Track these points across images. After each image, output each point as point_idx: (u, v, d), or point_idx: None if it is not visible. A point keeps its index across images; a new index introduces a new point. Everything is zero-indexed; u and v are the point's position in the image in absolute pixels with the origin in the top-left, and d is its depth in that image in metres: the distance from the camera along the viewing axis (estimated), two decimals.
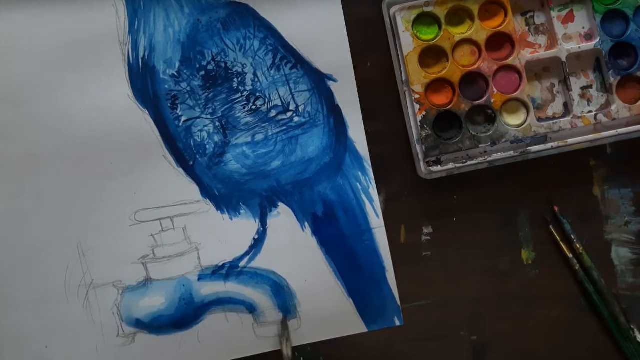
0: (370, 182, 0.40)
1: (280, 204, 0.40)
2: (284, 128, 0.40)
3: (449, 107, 0.38)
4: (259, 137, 0.40)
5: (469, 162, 0.38)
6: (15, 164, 0.39)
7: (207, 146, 0.40)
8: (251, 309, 0.40)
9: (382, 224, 0.40)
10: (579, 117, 0.38)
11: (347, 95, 0.40)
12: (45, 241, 0.39)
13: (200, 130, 0.40)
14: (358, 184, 0.40)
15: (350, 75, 0.40)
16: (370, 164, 0.40)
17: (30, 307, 0.39)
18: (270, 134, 0.40)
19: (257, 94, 0.40)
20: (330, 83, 0.40)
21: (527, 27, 0.40)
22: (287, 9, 0.40)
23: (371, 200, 0.40)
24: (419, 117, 0.38)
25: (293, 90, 0.40)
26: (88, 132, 0.39)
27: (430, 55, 0.39)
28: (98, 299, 0.39)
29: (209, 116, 0.40)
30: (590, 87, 0.40)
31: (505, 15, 0.39)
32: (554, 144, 0.38)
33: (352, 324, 0.40)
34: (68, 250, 0.39)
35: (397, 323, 0.40)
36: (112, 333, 0.39)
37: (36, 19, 0.39)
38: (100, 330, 0.39)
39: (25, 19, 0.39)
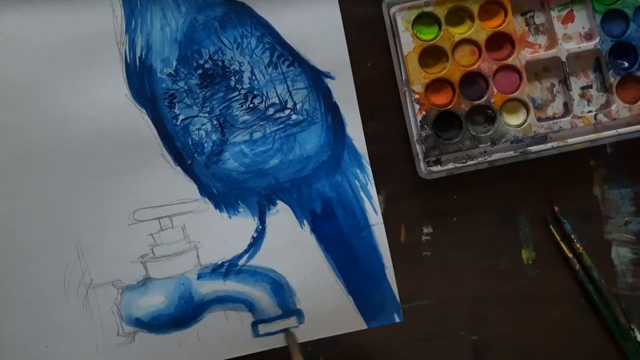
0: (369, 179, 0.43)
1: (279, 202, 0.43)
2: (281, 126, 0.43)
3: (449, 107, 0.41)
4: (257, 135, 0.43)
5: (469, 162, 0.41)
6: (13, 165, 0.42)
7: (205, 145, 0.42)
8: (251, 307, 0.42)
9: (381, 220, 0.43)
10: (579, 117, 0.41)
11: (344, 92, 0.43)
12: (44, 241, 0.42)
13: (198, 129, 0.42)
14: (356, 181, 0.43)
15: (347, 72, 0.43)
16: (369, 161, 0.43)
17: (30, 307, 0.41)
18: (268, 132, 0.43)
19: (255, 92, 0.42)
20: (327, 80, 0.43)
21: (527, 27, 0.42)
22: (283, 7, 0.42)
23: (369, 198, 0.43)
24: (419, 117, 0.41)
25: (290, 88, 0.43)
26: (86, 132, 0.42)
27: (430, 55, 0.41)
28: (97, 298, 0.42)
29: (206, 115, 0.42)
30: (590, 87, 0.42)
31: (505, 15, 0.41)
32: (554, 144, 0.41)
33: (352, 321, 0.43)
34: (67, 250, 0.42)
35: (397, 319, 0.43)
36: (112, 332, 0.42)
37: (32, 19, 0.41)
38: (100, 330, 0.42)
39: (21, 19, 0.41)
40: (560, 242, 0.43)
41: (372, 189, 0.43)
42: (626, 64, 0.42)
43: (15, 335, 0.42)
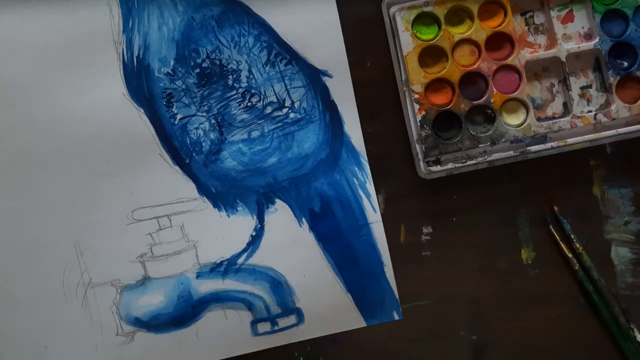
0: (367, 177, 0.44)
1: (277, 201, 0.44)
2: (279, 124, 0.44)
3: (449, 107, 0.42)
4: (255, 134, 0.44)
5: (468, 162, 0.42)
6: (11, 165, 0.43)
7: (203, 144, 0.44)
8: (250, 305, 0.44)
9: (380, 218, 0.44)
10: (578, 117, 0.42)
11: (342, 90, 0.44)
12: (42, 241, 0.43)
13: (196, 128, 0.44)
14: (355, 179, 0.44)
15: (345, 70, 0.44)
16: (367, 159, 0.44)
17: (29, 307, 0.43)
18: (266, 130, 0.44)
19: (253, 91, 0.44)
20: (325, 79, 0.44)
21: (526, 27, 0.43)
22: (280, 5, 0.44)
23: (368, 195, 0.44)
24: (419, 117, 0.42)
25: (288, 87, 0.44)
26: (84, 132, 0.43)
27: (430, 55, 0.43)
28: (97, 298, 0.43)
29: (204, 114, 0.44)
30: (590, 86, 0.44)
31: (505, 15, 0.42)
32: (554, 144, 0.42)
33: (351, 319, 0.44)
34: (66, 250, 0.43)
35: (396, 317, 0.44)
36: (111, 332, 0.43)
37: (29, 19, 0.43)
38: (100, 330, 0.43)
39: (18, 19, 0.43)
40: (560, 242, 0.44)
41: (370, 187, 0.44)
42: (626, 64, 0.43)
43: (15, 335, 0.43)
